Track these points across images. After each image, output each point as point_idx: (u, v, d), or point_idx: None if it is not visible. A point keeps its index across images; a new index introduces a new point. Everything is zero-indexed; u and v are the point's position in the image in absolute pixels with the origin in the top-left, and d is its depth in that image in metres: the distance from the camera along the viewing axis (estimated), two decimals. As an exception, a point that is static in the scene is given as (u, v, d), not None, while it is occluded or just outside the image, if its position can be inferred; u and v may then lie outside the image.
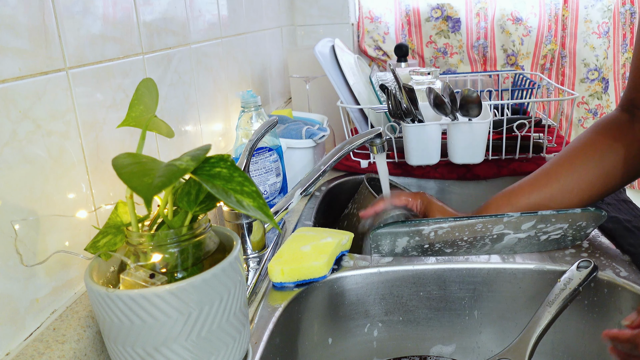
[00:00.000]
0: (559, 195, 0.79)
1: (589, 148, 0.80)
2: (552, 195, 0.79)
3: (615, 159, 0.77)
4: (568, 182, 0.79)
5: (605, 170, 0.78)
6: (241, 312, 0.51)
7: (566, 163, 0.80)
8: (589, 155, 0.79)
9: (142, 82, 0.53)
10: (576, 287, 0.64)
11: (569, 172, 0.79)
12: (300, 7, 1.82)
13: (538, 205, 0.79)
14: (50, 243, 0.52)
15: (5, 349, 0.47)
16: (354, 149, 0.82)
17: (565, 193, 0.79)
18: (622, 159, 0.77)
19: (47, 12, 0.53)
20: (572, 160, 0.80)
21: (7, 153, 0.47)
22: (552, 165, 0.82)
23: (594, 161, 0.78)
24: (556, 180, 0.80)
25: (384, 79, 1.33)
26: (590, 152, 0.79)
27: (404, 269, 0.74)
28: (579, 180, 0.79)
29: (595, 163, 0.78)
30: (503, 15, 1.92)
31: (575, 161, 0.80)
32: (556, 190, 0.79)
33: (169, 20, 0.81)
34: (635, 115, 0.78)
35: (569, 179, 0.79)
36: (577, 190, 0.79)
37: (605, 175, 0.78)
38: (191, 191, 0.49)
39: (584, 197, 0.79)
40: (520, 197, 0.81)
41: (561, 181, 0.79)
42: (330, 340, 0.75)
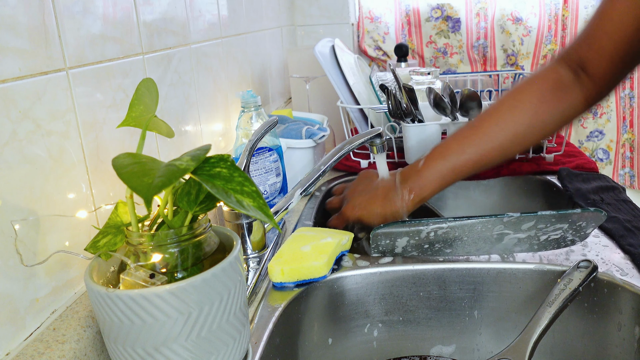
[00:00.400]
0: (505, 143, 0.78)
1: (527, 102, 0.77)
2: (498, 143, 0.78)
3: (548, 117, 0.76)
4: (510, 130, 0.77)
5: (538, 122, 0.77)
6: (241, 312, 0.51)
7: (505, 111, 0.78)
8: (526, 109, 0.77)
9: (142, 82, 0.53)
10: (576, 287, 0.64)
11: (506, 122, 0.77)
12: (300, 7, 1.82)
13: (484, 154, 0.78)
14: (50, 243, 0.52)
15: (5, 349, 0.47)
16: (354, 149, 0.82)
17: (511, 138, 0.77)
18: (555, 119, 0.76)
19: (47, 12, 0.53)
20: (508, 109, 0.78)
21: (7, 153, 0.47)
22: (491, 114, 0.79)
23: (528, 116, 0.77)
24: (497, 128, 0.78)
25: (384, 79, 1.33)
26: (527, 104, 0.77)
27: (404, 269, 0.74)
28: (517, 125, 0.77)
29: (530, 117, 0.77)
30: (503, 15, 1.92)
31: (512, 112, 0.78)
32: (501, 138, 0.78)
33: (169, 20, 0.81)
34: (580, 78, 0.75)
35: (508, 128, 0.77)
36: (520, 137, 0.77)
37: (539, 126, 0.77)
38: (191, 191, 0.49)
39: (527, 143, 0.78)
40: (467, 148, 0.79)
41: (503, 129, 0.77)
42: (330, 340, 0.75)
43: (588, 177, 1.01)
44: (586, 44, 0.74)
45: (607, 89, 0.76)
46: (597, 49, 0.72)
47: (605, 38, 0.71)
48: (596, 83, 0.74)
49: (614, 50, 0.71)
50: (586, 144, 2.03)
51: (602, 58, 0.72)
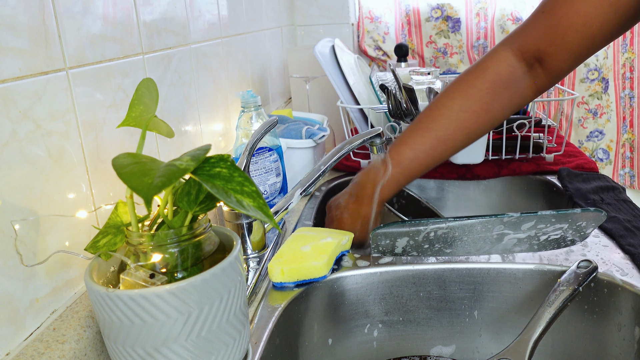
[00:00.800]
0: (465, 121, 0.77)
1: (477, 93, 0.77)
2: (432, 145, 0.78)
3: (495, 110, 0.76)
4: (445, 128, 0.77)
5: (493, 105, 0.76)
6: (241, 312, 0.51)
7: (458, 92, 0.78)
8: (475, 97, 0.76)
9: (142, 82, 0.53)
10: (576, 287, 0.64)
11: (461, 103, 0.77)
12: (300, 7, 1.82)
13: (446, 136, 0.78)
14: (50, 243, 0.52)
15: (5, 349, 0.47)
16: (354, 149, 0.82)
17: (471, 116, 0.77)
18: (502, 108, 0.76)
19: (47, 12, 0.53)
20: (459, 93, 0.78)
21: (7, 153, 0.47)
22: (446, 96, 0.79)
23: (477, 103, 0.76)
24: (453, 109, 0.78)
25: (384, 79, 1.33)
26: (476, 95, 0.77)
27: (404, 269, 0.74)
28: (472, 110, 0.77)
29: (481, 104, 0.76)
30: (503, 15, 1.92)
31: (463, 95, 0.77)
32: (435, 140, 0.78)
33: (169, 20, 0.81)
34: (533, 70, 0.74)
35: (446, 126, 0.77)
36: (480, 116, 0.77)
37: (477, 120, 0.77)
38: (191, 191, 0.49)
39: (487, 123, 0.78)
40: (431, 132, 0.79)
41: (459, 111, 0.77)
42: (330, 340, 0.75)
43: (588, 177, 1.01)
44: (548, 37, 0.71)
45: (559, 80, 0.76)
46: (560, 44, 0.70)
47: (571, 32, 0.68)
48: (551, 76, 0.74)
49: (577, 46, 0.69)
50: (586, 144, 2.03)
51: (565, 53, 0.70)
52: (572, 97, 1.08)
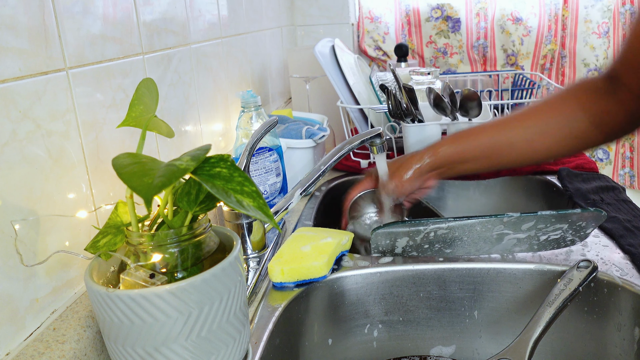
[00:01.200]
0: (519, 142, 0.78)
1: (561, 105, 0.78)
2: (512, 140, 0.78)
3: (580, 126, 0.76)
4: (531, 132, 0.77)
5: (570, 133, 0.76)
6: (241, 312, 0.51)
7: (534, 114, 0.79)
8: (556, 113, 0.77)
9: (142, 82, 0.53)
10: (576, 287, 0.64)
11: (535, 123, 0.78)
12: (300, 7, 1.82)
13: (497, 147, 0.78)
14: (50, 243, 0.52)
15: (5, 349, 0.47)
16: (354, 149, 0.82)
17: (526, 142, 0.78)
18: (585, 128, 0.76)
19: (47, 12, 0.53)
20: (540, 112, 0.79)
21: (7, 153, 0.47)
22: (519, 113, 0.80)
23: (559, 122, 0.77)
24: (521, 127, 0.78)
25: (384, 79, 1.33)
26: (558, 111, 0.78)
27: (404, 269, 0.74)
28: (542, 135, 0.77)
29: (561, 124, 0.77)
30: (503, 15, 1.92)
31: (543, 115, 0.78)
32: (518, 136, 0.78)
33: (169, 20, 0.81)
34: (614, 85, 0.76)
35: (533, 130, 0.77)
36: (538, 143, 0.77)
37: (568, 137, 0.77)
38: (191, 191, 0.49)
39: (545, 152, 0.78)
40: (481, 136, 0.80)
41: (526, 129, 0.78)
42: (330, 340, 0.75)
43: (588, 177, 1.01)
44: (620, 61, 0.77)
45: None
46: (628, 65, 0.75)
47: (633, 55, 0.74)
48: (634, 94, 0.75)
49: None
50: (586, 144, 2.03)
51: (634, 72, 0.74)
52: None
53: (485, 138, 0.79)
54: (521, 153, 0.79)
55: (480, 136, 0.80)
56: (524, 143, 0.78)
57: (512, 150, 0.78)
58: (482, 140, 0.80)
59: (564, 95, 0.79)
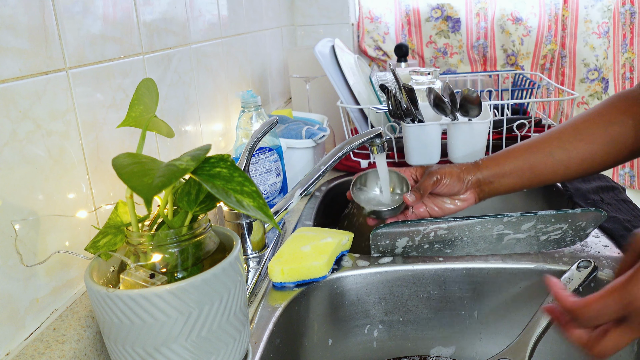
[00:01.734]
0: (559, 156, 0.77)
1: (598, 116, 0.77)
2: (552, 154, 0.77)
3: (621, 130, 0.75)
4: (570, 144, 0.77)
5: (610, 139, 0.75)
6: (241, 312, 0.51)
7: (571, 127, 0.78)
8: (596, 122, 0.76)
9: (142, 82, 0.53)
10: (576, 287, 0.64)
11: (573, 135, 0.77)
12: (300, 7, 1.82)
13: (536, 163, 0.78)
14: (50, 243, 0.52)
15: (5, 349, 0.47)
16: (354, 149, 0.82)
17: (566, 155, 0.77)
18: (628, 131, 0.74)
19: (47, 12, 0.53)
20: (578, 125, 0.78)
21: (7, 153, 0.47)
22: (557, 128, 0.79)
23: (598, 129, 0.76)
24: (558, 140, 0.77)
25: (384, 79, 1.33)
26: (598, 119, 0.77)
27: (404, 269, 0.74)
28: (581, 145, 0.76)
29: (600, 130, 0.76)
30: (503, 15, 1.92)
31: (581, 126, 0.77)
32: (557, 150, 0.77)
33: (169, 20, 0.81)
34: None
35: (571, 142, 0.77)
36: (577, 155, 0.76)
37: (609, 144, 0.75)
38: (191, 191, 0.49)
39: (586, 164, 0.77)
40: (520, 154, 0.79)
41: (564, 142, 0.77)
42: (330, 340, 0.75)
43: (588, 177, 1.01)
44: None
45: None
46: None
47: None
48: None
49: None
50: (586, 144, 2.03)
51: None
52: (572, 97, 1.08)
53: (526, 155, 0.79)
54: (562, 167, 0.77)
55: (519, 154, 0.79)
56: (564, 156, 0.77)
57: (552, 165, 0.77)
58: (522, 158, 0.79)
59: (604, 105, 0.78)
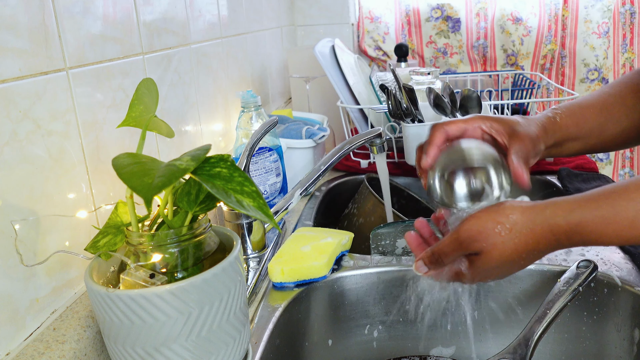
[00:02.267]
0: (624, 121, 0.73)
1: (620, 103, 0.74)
2: (617, 119, 0.73)
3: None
4: (633, 116, 0.73)
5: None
6: (241, 312, 0.51)
7: (631, 95, 0.75)
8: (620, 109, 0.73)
9: (142, 82, 0.53)
10: (576, 287, 0.64)
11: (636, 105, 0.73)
12: (300, 7, 1.82)
13: (605, 131, 0.73)
14: (50, 243, 0.52)
15: (5, 349, 0.47)
16: (354, 149, 0.82)
17: (628, 127, 0.73)
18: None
19: (47, 12, 0.53)
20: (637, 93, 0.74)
21: (7, 153, 0.47)
22: (620, 95, 0.76)
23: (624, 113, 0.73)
24: (624, 111, 0.73)
25: (384, 79, 1.33)
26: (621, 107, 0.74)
27: (404, 269, 0.74)
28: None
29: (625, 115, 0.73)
30: (503, 15, 1.92)
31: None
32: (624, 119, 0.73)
33: (169, 20, 0.81)
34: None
35: (634, 113, 0.73)
36: (635, 128, 0.73)
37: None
38: (191, 191, 0.49)
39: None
40: (595, 116, 0.73)
41: (628, 113, 0.73)
42: (330, 340, 0.75)
43: (588, 177, 1.01)
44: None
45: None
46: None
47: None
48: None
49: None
50: (586, 144, 2.03)
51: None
52: (572, 97, 1.08)
53: (596, 115, 0.74)
54: (622, 134, 0.74)
55: (589, 113, 0.74)
56: (628, 123, 0.73)
57: (617, 128, 0.73)
58: (591, 118, 0.74)
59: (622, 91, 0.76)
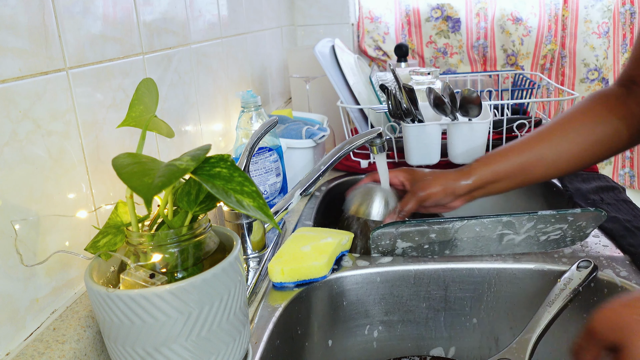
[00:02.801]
0: (549, 156, 0.80)
1: (582, 115, 0.80)
2: (542, 155, 0.80)
3: (607, 129, 0.78)
4: (559, 144, 0.79)
5: (597, 138, 0.79)
6: (241, 312, 0.51)
7: (558, 126, 0.81)
8: (583, 121, 0.80)
9: (142, 82, 0.53)
10: (576, 287, 0.64)
11: (561, 135, 0.80)
12: (300, 7, 1.82)
13: (527, 165, 0.80)
14: (50, 243, 0.52)
15: (5, 349, 0.47)
16: (354, 149, 0.82)
17: (556, 154, 0.79)
18: (614, 130, 0.78)
19: (47, 12, 0.53)
20: (564, 124, 0.81)
21: (7, 153, 0.47)
22: (545, 128, 0.82)
23: (586, 127, 0.79)
24: (548, 141, 0.80)
25: (384, 79, 1.33)
26: (584, 118, 0.80)
27: (404, 269, 0.74)
28: (570, 144, 0.79)
29: (587, 129, 0.79)
30: (503, 15, 1.92)
31: (568, 126, 0.80)
32: (547, 151, 0.80)
33: (169, 20, 0.81)
34: (631, 90, 0.79)
35: (560, 141, 0.79)
36: (567, 154, 0.79)
37: (597, 143, 0.79)
38: (191, 191, 0.49)
39: (575, 161, 0.80)
40: (511, 156, 0.81)
41: (553, 142, 0.80)
42: (330, 340, 0.75)
43: (588, 177, 1.01)
44: (633, 66, 0.80)
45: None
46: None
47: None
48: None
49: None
50: (586, 144, 2.03)
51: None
52: (572, 97, 1.08)
53: (516, 157, 0.81)
54: (552, 166, 0.80)
55: (510, 155, 0.82)
56: (554, 156, 0.80)
57: (543, 164, 0.80)
58: (512, 160, 0.81)
59: (586, 104, 0.82)
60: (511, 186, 0.83)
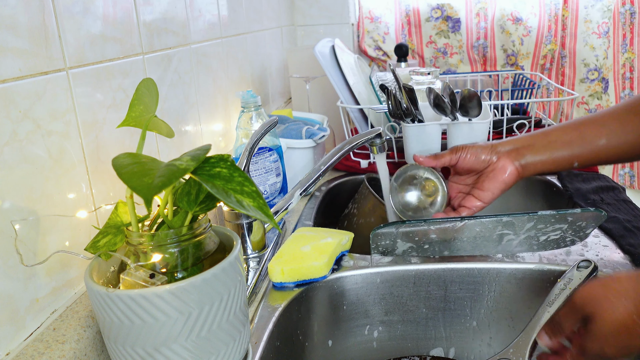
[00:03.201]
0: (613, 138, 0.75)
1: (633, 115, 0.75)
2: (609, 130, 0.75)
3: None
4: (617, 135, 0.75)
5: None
6: (241, 312, 0.51)
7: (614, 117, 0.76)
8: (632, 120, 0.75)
9: (142, 82, 0.53)
10: (576, 287, 0.64)
11: (619, 126, 0.75)
12: (300, 7, 1.82)
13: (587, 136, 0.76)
14: (50, 243, 0.52)
15: (5, 349, 0.47)
16: (354, 149, 0.82)
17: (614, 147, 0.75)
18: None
19: (47, 12, 0.53)
20: (620, 116, 0.76)
21: (7, 153, 0.47)
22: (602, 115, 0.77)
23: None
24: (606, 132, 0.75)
25: (384, 79, 1.33)
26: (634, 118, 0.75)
27: (404, 269, 0.74)
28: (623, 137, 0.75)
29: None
30: (503, 15, 1.92)
31: (623, 118, 0.75)
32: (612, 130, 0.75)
33: (169, 20, 0.81)
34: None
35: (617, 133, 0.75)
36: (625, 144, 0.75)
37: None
38: (191, 191, 0.49)
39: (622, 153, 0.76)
40: (569, 130, 0.77)
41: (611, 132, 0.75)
42: (330, 340, 0.75)
43: (588, 177, 1.01)
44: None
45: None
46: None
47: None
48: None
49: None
50: (586, 144, 2.03)
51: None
52: (572, 97, 1.08)
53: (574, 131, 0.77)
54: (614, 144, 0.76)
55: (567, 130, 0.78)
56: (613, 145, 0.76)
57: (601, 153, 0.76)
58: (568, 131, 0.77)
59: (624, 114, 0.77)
60: (568, 156, 0.77)
